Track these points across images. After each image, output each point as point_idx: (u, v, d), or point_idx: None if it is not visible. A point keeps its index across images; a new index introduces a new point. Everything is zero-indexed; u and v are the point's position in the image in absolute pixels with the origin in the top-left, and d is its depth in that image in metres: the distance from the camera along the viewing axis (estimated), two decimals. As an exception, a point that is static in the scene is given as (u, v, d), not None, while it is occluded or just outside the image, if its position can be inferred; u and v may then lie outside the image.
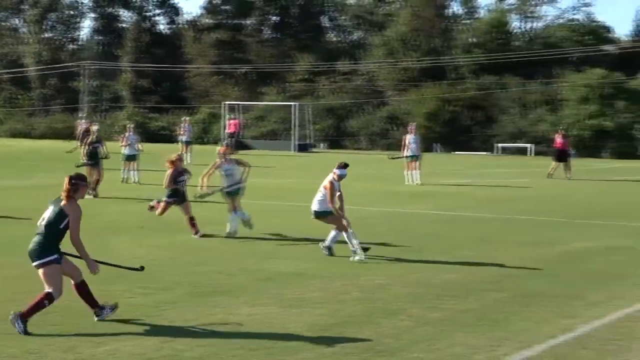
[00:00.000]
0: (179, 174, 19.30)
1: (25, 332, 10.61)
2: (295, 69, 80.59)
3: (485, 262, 16.34)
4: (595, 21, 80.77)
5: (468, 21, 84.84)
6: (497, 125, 66.92)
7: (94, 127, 30.44)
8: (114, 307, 11.43)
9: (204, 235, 18.80)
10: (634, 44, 78.28)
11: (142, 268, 12.17)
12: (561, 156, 38.86)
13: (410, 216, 24.06)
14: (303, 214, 23.98)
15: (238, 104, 72.49)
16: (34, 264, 11.11)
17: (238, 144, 61.81)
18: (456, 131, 67.44)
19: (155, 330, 10.91)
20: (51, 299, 10.96)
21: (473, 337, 10.72)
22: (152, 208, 19.73)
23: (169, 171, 19.27)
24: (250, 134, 72.67)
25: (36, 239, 11.13)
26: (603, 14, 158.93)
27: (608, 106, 62.96)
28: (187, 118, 53.46)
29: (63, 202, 11.16)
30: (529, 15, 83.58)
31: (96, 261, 11.46)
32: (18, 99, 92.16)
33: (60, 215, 11.07)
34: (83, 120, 53.37)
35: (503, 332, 11.00)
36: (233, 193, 19.39)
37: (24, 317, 10.73)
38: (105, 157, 29.01)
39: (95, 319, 11.27)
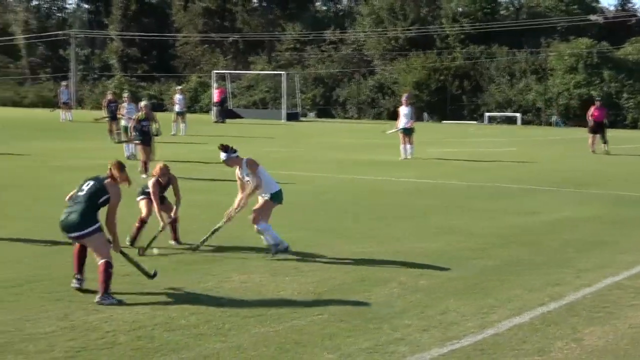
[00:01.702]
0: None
1: (120, 302, 10.72)
2: (284, 38, 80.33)
3: (471, 230, 16.37)
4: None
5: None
6: (485, 95, 66.91)
7: (143, 103, 27.26)
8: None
9: None
10: (619, 13, 78.32)
11: (154, 275, 12.01)
12: (596, 128, 37.07)
13: (393, 184, 24.03)
14: (295, 182, 24.03)
15: (227, 73, 72.24)
16: (74, 234, 11.09)
17: (226, 112, 61.68)
18: (445, 100, 67.43)
19: (148, 298, 10.91)
20: (111, 266, 10.99)
21: (464, 304, 10.75)
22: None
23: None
24: (240, 102, 72.50)
25: (75, 209, 11.09)
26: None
27: (595, 75, 62.98)
28: (180, 88, 51.42)
29: (107, 181, 11.30)
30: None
31: (122, 252, 11.53)
32: (8, 67, 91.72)
33: (101, 190, 11.17)
34: (110, 92, 49.21)
35: (493, 299, 11.03)
36: None
37: (105, 292, 10.79)
38: (157, 135, 26.64)
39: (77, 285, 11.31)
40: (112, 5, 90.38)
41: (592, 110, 37.81)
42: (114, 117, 37.00)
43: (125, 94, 35.50)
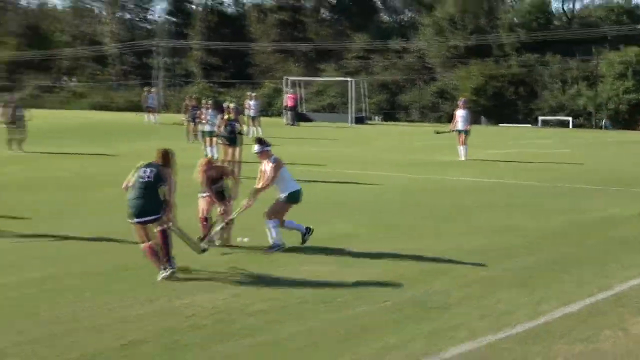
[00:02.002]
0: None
1: (173, 269, 11.33)
2: (351, 47, 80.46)
3: (524, 227, 16.23)
4: (632, 3, 79.61)
5: (511, 2, 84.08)
6: (539, 100, 66.46)
7: (232, 105, 26.95)
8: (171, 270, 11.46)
9: None
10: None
11: (205, 250, 12.26)
12: None
13: (451, 183, 23.93)
14: (359, 181, 24.09)
15: (299, 80, 72.48)
16: (151, 217, 11.34)
17: (298, 116, 61.91)
18: (501, 105, 67.08)
19: (224, 286, 11.07)
20: (168, 234, 11.48)
21: (517, 295, 10.73)
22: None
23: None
24: (310, 107, 72.77)
25: (146, 194, 11.32)
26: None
27: (643, 82, 62.24)
28: (253, 94, 50.43)
29: (161, 167, 11.53)
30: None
31: (177, 229, 11.76)
32: (98, 74, 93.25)
33: (159, 176, 11.39)
34: (191, 96, 47.97)
35: (544, 291, 10.97)
36: None
37: (171, 261, 11.37)
38: (240, 133, 25.72)
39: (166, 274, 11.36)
40: (194, 17, 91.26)
41: None
42: (193, 121, 37.31)
43: (209, 101, 34.78)
